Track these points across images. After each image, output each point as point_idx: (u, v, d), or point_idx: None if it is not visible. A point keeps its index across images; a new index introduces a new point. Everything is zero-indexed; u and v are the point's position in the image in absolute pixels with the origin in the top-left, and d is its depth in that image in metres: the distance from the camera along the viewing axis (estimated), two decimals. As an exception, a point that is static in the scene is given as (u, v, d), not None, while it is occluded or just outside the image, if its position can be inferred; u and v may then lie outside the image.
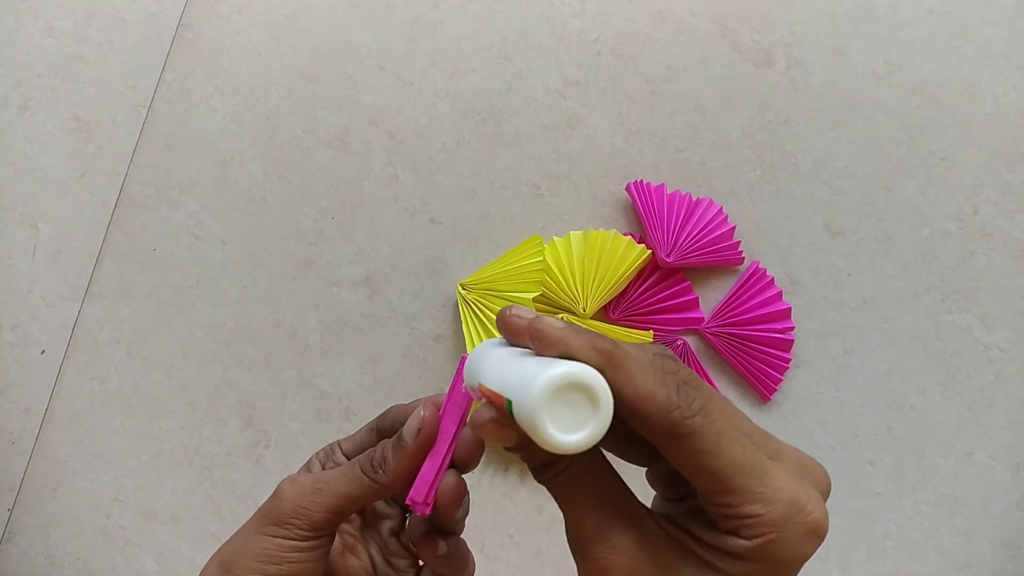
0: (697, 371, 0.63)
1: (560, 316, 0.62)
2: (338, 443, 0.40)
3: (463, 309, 0.62)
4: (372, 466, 0.35)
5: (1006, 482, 0.62)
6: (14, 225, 0.65)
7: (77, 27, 0.68)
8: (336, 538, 0.40)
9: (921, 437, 0.63)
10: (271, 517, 0.35)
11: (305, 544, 0.35)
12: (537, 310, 0.61)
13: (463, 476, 0.36)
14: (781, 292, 0.64)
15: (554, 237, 0.63)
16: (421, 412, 0.34)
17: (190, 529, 0.63)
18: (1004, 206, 0.65)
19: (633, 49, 0.68)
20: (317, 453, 0.40)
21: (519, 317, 0.28)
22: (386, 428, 0.39)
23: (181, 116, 0.67)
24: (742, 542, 0.26)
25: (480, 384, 0.29)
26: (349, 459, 0.39)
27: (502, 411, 0.27)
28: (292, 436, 0.64)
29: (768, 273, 0.64)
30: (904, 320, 0.64)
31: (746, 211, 0.65)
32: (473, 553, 0.62)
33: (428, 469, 0.34)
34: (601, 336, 0.26)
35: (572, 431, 0.24)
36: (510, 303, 0.60)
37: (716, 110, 0.67)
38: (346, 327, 0.64)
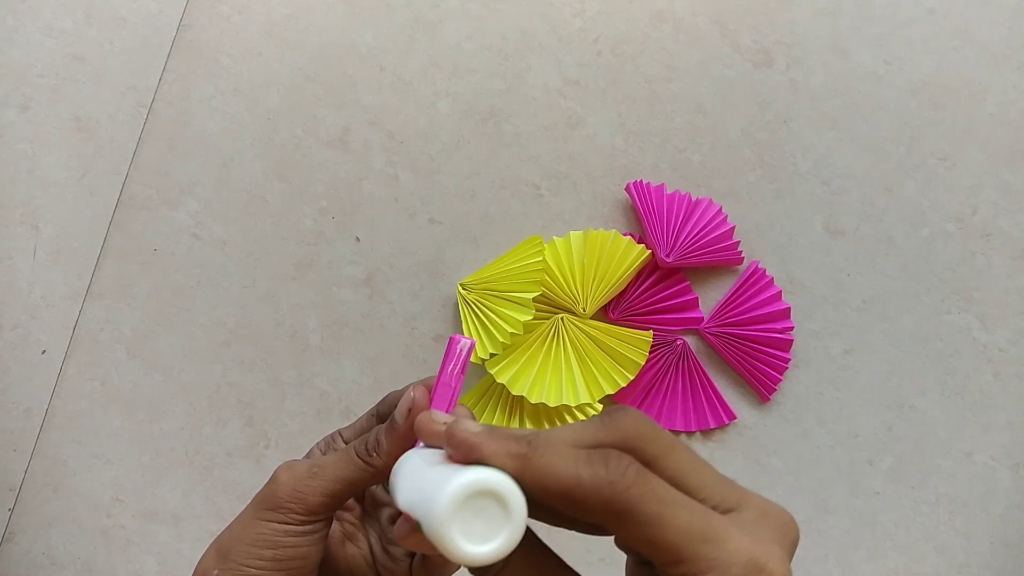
0: (697, 371, 0.63)
1: (560, 316, 0.62)
2: (339, 432, 0.40)
3: (463, 309, 0.62)
4: (367, 450, 0.36)
5: (1006, 482, 0.63)
6: (14, 225, 0.65)
7: (77, 27, 0.68)
8: (336, 526, 0.40)
9: (921, 437, 0.63)
10: (267, 502, 0.35)
11: (301, 528, 0.35)
12: (536, 310, 0.61)
13: None
14: (780, 292, 0.64)
15: (554, 237, 0.63)
16: (411, 394, 0.35)
17: (190, 529, 0.63)
18: (1004, 206, 0.65)
19: (633, 49, 0.68)
20: (318, 443, 0.40)
21: (435, 423, 0.28)
22: (384, 413, 0.39)
23: (181, 116, 0.67)
24: None
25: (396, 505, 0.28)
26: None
27: (414, 530, 0.26)
28: (292, 436, 0.64)
29: (768, 273, 0.64)
30: (904, 320, 0.64)
31: (746, 211, 0.65)
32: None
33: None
34: (517, 438, 0.25)
35: (485, 541, 0.23)
36: (511, 302, 0.60)
37: (716, 110, 0.67)
38: (346, 327, 0.64)
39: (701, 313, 0.64)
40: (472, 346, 0.34)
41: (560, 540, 0.66)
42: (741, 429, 0.63)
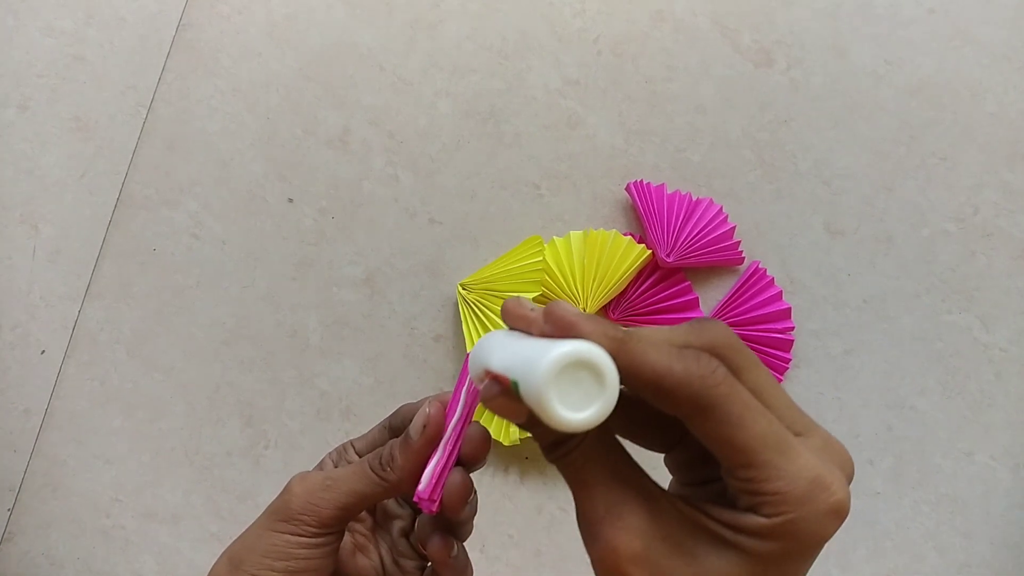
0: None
1: None
2: (351, 442, 0.40)
3: (463, 309, 0.62)
4: (380, 464, 0.36)
5: (1006, 482, 0.62)
6: (14, 225, 0.65)
7: (77, 27, 0.68)
8: (347, 537, 0.40)
9: (921, 437, 0.63)
10: (280, 513, 0.35)
11: (314, 541, 0.35)
12: None
13: (471, 475, 0.36)
14: (781, 292, 0.64)
15: (554, 237, 0.63)
16: (427, 409, 0.35)
17: (190, 529, 0.63)
18: (1004, 206, 0.65)
19: (633, 49, 0.68)
20: (330, 453, 0.40)
21: (526, 307, 0.28)
22: (398, 426, 0.39)
23: (181, 116, 0.67)
24: (762, 520, 0.26)
25: (487, 369, 0.29)
26: (362, 456, 0.39)
27: (508, 389, 0.27)
28: (292, 436, 0.64)
29: (768, 273, 0.64)
30: (904, 320, 0.64)
31: (746, 211, 0.65)
32: (473, 554, 0.62)
33: (434, 465, 0.34)
34: (614, 325, 0.26)
35: (579, 409, 0.24)
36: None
37: (716, 110, 0.67)
38: (346, 327, 0.64)
39: (702, 313, 0.64)
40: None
41: (560, 540, 0.66)
42: (741, 429, 0.63)
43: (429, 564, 0.40)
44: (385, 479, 0.35)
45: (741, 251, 0.64)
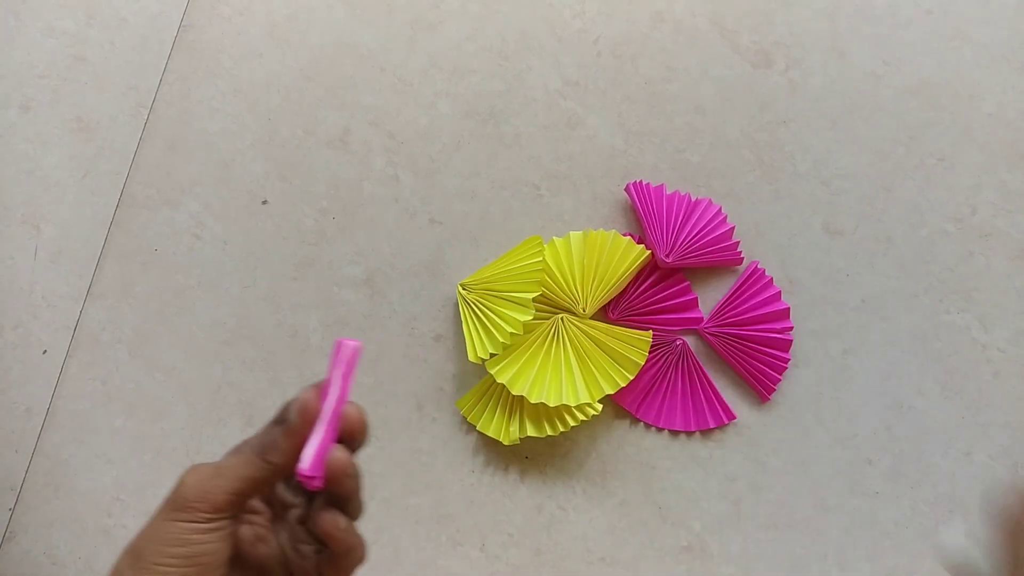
0: (696, 371, 0.63)
1: (560, 316, 0.62)
2: (245, 441, 0.42)
3: (463, 309, 0.62)
4: (265, 448, 0.39)
5: (1005, 482, 0.63)
6: (16, 225, 0.65)
7: (78, 28, 0.68)
8: (248, 528, 0.42)
9: (920, 437, 0.63)
10: (175, 503, 0.37)
11: (208, 526, 0.37)
12: (536, 310, 0.61)
13: (356, 451, 0.40)
14: (780, 292, 0.64)
15: (554, 237, 0.63)
16: (303, 394, 0.38)
17: (191, 528, 0.63)
18: (1002, 206, 0.66)
19: (633, 50, 0.68)
20: (229, 452, 0.42)
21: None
22: (284, 419, 0.41)
23: (182, 117, 0.67)
24: None
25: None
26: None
27: None
28: (293, 436, 0.64)
29: (767, 273, 0.64)
30: (903, 320, 0.64)
31: (745, 211, 0.66)
32: (473, 552, 0.62)
33: (314, 444, 0.38)
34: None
35: None
36: (511, 302, 0.61)
37: (715, 111, 0.67)
38: (346, 327, 0.64)
39: (701, 313, 0.64)
40: (359, 348, 0.38)
41: (560, 540, 0.66)
42: (740, 429, 0.63)
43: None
44: (270, 461, 0.38)
45: (740, 251, 0.64)
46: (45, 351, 0.64)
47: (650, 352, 0.62)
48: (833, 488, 0.63)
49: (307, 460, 0.37)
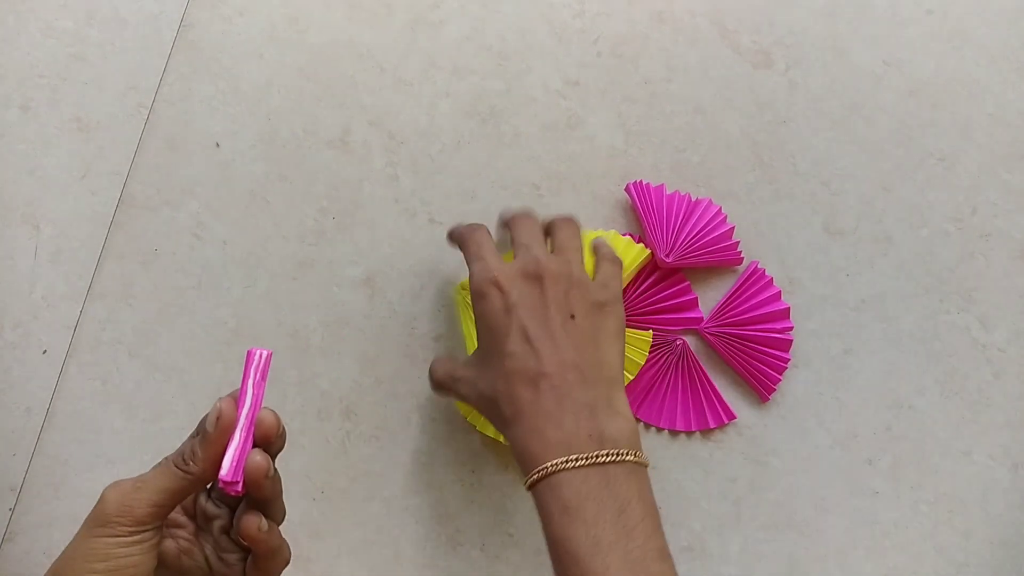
0: (696, 371, 0.63)
1: None
2: (166, 457, 0.43)
3: (461, 311, 0.62)
4: (184, 459, 0.40)
5: (1005, 482, 0.63)
6: (15, 225, 0.65)
7: (78, 27, 0.68)
8: (172, 543, 0.43)
9: (920, 437, 0.63)
10: (97, 520, 0.38)
11: (131, 539, 0.38)
12: None
13: (274, 455, 0.42)
14: (780, 292, 0.64)
15: None
16: (218, 404, 0.39)
17: (191, 528, 0.63)
18: (1003, 206, 0.66)
19: (633, 49, 0.68)
20: (151, 468, 0.43)
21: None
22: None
23: (182, 116, 0.67)
24: None
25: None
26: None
27: None
28: (292, 436, 0.64)
29: (767, 273, 0.64)
30: (903, 320, 0.64)
31: (745, 211, 0.66)
32: (473, 552, 0.62)
33: (232, 451, 0.39)
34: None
35: None
36: None
37: (715, 110, 0.67)
38: (346, 327, 0.64)
39: (701, 313, 0.64)
40: (270, 355, 0.40)
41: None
42: (740, 429, 0.63)
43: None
44: (189, 472, 0.39)
45: (740, 251, 0.64)
46: (45, 351, 0.64)
47: (650, 352, 0.62)
48: (833, 488, 0.63)
49: (227, 467, 0.39)
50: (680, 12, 0.68)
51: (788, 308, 0.64)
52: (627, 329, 0.62)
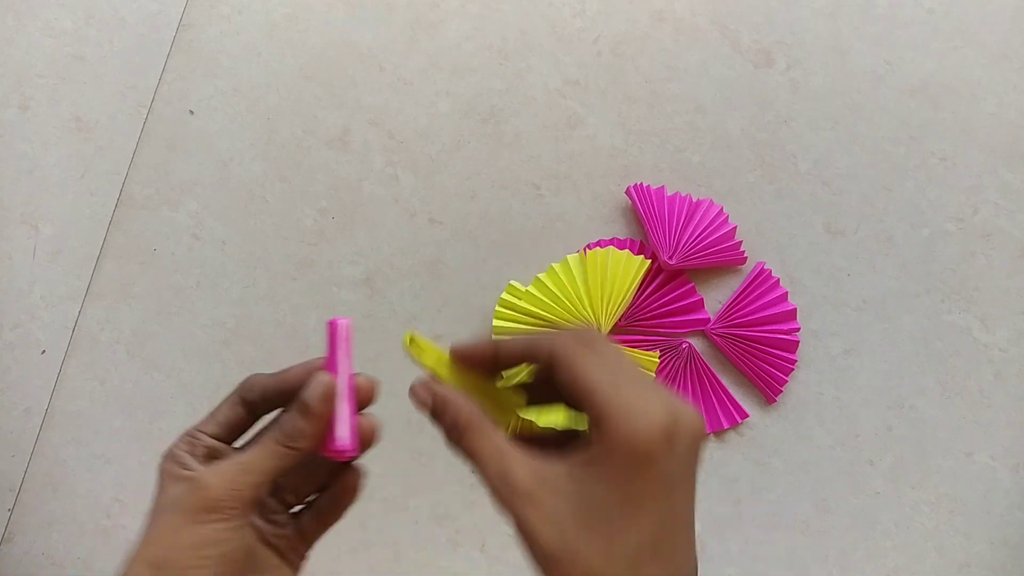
0: (705, 372, 0.63)
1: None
2: (197, 429, 0.41)
3: (506, 311, 0.62)
4: (289, 437, 0.39)
5: (1006, 482, 0.63)
6: (14, 225, 0.65)
7: (77, 27, 0.68)
8: None
9: (921, 437, 0.63)
10: (202, 506, 0.37)
11: (238, 523, 0.38)
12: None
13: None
14: (787, 293, 0.64)
15: (552, 264, 0.63)
16: (322, 378, 0.39)
17: (190, 529, 0.63)
18: (1004, 206, 0.66)
19: (633, 49, 0.68)
20: (177, 445, 0.41)
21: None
22: (256, 400, 0.41)
23: (181, 116, 0.67)
24: (595, 436, 0.32)
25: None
26: (219, 439, 0.41)
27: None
28: (292, 436, 0.64)
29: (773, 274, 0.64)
30: (904, 320, 0.64)
31: (746, 211, 0.65)
32: (473, 553, 0.62)
33: (344, 421, 0.39)
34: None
35: None
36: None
37: (716, 110, 0.67)
38: (346, 327, 0.64)
39: (707, 314, 0.64)
40: (351, 324, 0.40)
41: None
42: (742, 429, 0.63)
43: (296, 509, 0.44)
44: (297, 448, 0.39)
45: (743, 251, 0.64)
46: (44, 351, 0.64)
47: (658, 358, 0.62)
48: (834, 489, 0.62)
49: (345, 436, 0.39)
50: (680, 11, 0.68)
51: (795, 309, 0.63)
52: (634, 350, 0.61)
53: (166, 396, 0.64)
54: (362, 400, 0.41)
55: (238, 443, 0.42)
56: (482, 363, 0.38)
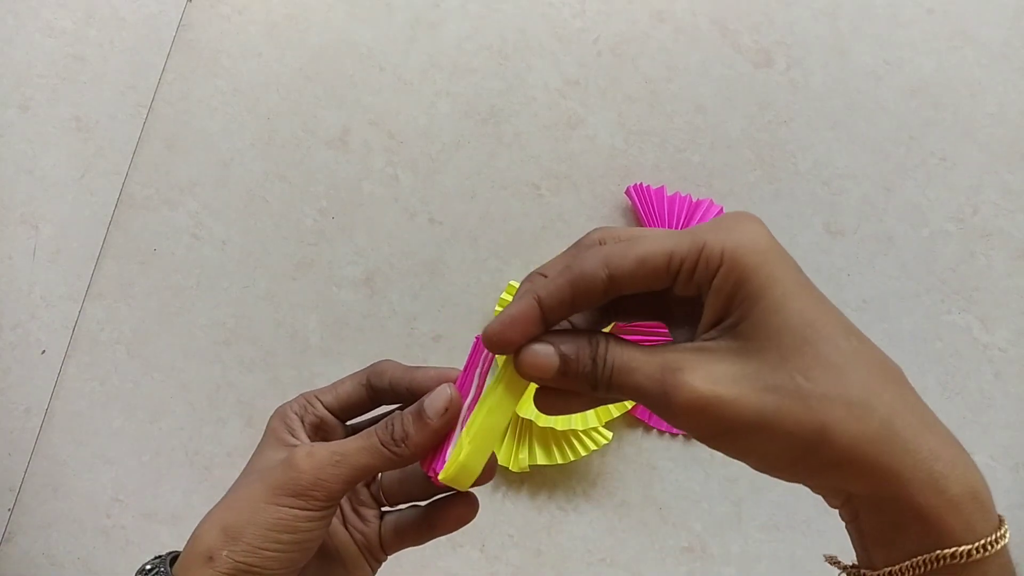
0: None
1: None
2: (316, 395, 0.40)
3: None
4: (393, 439, 0.36)
5: (1006, 482, 0.63)
6: (14, 225, 0.65)
7: (77, 27, 0.68)
8: None
9: (921, 437, 0.63)
10: (287, 488, 0.35)
11: (320, 514, 0.36)
12: None
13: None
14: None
15: None
16: (448, 392, 0.35)
17: (190, 529, 0.63)
18: (1004, 206, 0.66)
19: (633, 49, 0.68)
20: (291, 405, 0.40)
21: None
22: (382, 387, 0.40)
23: (181, 116, 0.67)
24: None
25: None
26: (333, 413, 0.40)
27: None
28: (292, 436, 0.64)
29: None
30: (904, 320, 0.64)
31: (745, 211, 0.65)
32: (473, 553, 0.62)
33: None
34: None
35: None
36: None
37: (716, 110, 0.67)
38: (346, 327, 0.64)
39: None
40: None
41: (560, 540, 0.66)
42: (741, 429, 0.63)
43: (386, 510, 0.42)
44: (397, 454, 0.36)
45: (741, 251, 0.64)
46: (44, 351, 0.64)
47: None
48: (834, 489, 0.62)
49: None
50: (680, 11, 0.68)
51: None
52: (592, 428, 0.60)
53: (166, 396, 0.64)
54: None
55: (351, 422, 0.41)
56: (589, 302, 0.32)
